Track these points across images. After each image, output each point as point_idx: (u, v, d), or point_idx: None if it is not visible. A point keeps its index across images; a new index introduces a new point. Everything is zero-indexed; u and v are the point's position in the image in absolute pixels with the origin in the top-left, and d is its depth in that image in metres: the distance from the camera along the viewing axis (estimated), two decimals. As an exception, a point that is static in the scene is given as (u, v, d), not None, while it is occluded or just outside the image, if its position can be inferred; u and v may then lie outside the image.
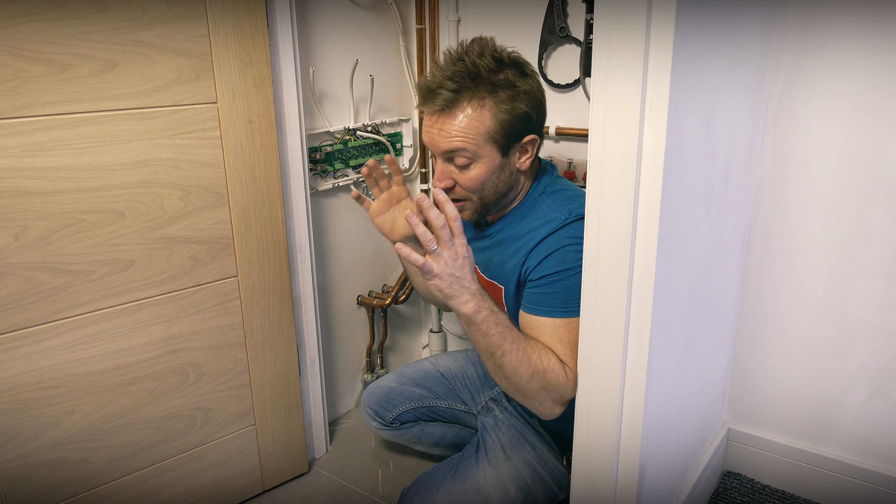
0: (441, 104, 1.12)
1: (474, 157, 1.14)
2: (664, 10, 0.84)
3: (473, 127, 1.12)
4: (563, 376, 1.09)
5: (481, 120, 1.12)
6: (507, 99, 1.12)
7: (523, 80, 1.15)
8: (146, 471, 1.43)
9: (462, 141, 1.12)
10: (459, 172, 1.16)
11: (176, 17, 1.24)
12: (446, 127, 1.12)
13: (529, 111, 1.15)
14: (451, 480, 1.35)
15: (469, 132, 1.12)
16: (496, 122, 1.12)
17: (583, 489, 1.12)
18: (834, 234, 1.40)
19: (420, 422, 1.60)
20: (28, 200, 1.16)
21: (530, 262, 1.18)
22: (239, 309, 1.47)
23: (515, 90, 1.13)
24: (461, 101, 1.11)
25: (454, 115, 1.12)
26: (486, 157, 1.14)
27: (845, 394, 1.48)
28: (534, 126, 1.18)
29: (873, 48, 1.28)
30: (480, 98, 1.11)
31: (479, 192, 1.18)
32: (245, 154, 1.40)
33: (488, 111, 1.12)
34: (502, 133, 1.13)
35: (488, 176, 1.16)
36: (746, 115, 1.31)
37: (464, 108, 1.11)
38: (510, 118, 1.13)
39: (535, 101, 1.16)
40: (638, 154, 0.90)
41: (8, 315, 1.18)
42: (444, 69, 1.13)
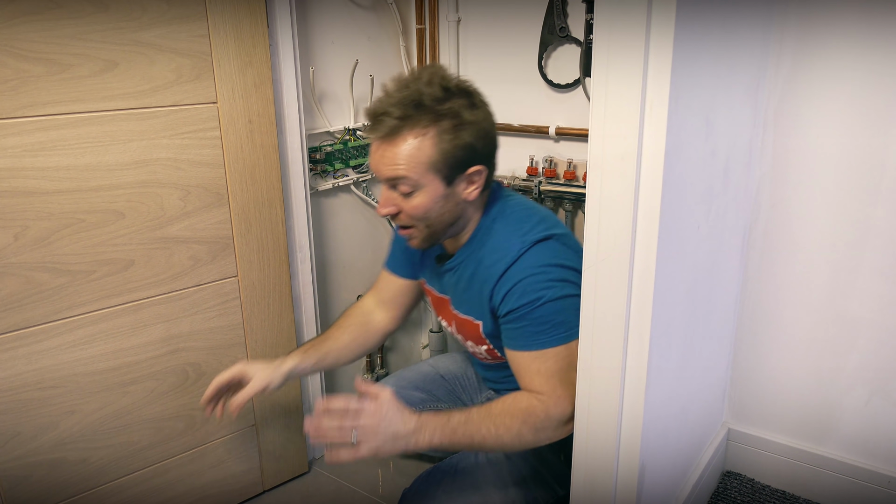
0: (384, 132, 1.10)
1: (416, 185, 1.12)
2: (664, 10, 0.84)
3: (415, 156, 1.10)
4: (542, 407, 1.13)
5: (423, 149, 1.10)
6: (450, 129, 1.10)
7: (471, 110, 1.13)
8: (146, 471, 1.43)
9: (404, 169, 1.11)
10: (403, 200, 1.15)
11: (176, 17, 1.24)
12: (388, 154, 1.11)
13: (474, 142, 1.13)
14: (451, 480, 1.35)
15: (411, 161, 1.10)
16: (438, 151, 1.10)
17: (583, 489, 1.12)
18: (834, 234, 1.40)
19: None
20: (28, 200, 1.16)
21: (496, 299, 1.19)
22: (239, 309, 1.47)
23: (460, 120, 1.11)
24: (403, 130, 1.10)
25: (396, 143, 1.10)
26: (428, 187, 1.13)
27: (845, 394, 1.48)
28: (480, 157, 1.15)
29: (873, 48, 1.28)
30: (423, 127, 1.10)
31: (423, 221, 1.17)
32: (245, 154, 1.40)
33: (430, 141, 1.10)
34: (445, 163, 1.11)
35: (431, 205, 1.15)
36: (746, 115, 1.31)
37: (406, 136, 1.10)
38: (453, 148, 1.11)
39: (481, 132, 1.14)
40: (638, 154, 0.90)
41: (8, 315, 1.18)
42: (390, 95, 1.12)
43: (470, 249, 1.24)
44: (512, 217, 1.22)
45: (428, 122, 1.10)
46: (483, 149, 1.15)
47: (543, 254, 1.16)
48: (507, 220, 1.22)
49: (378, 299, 1.47)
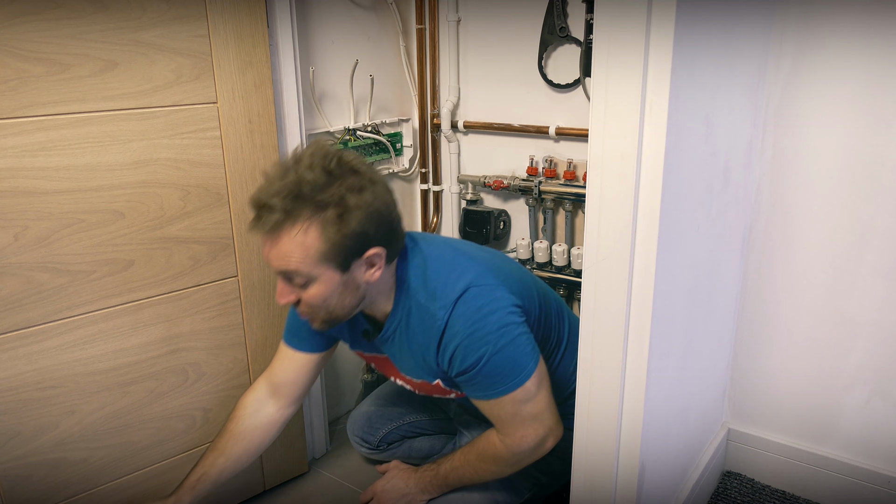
0: (266, 227, 1.04)
1: (309, 277, 1.07)
2: (664, 10, 0.84)
3: (301, 250, 1.04)
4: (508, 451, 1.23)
5: (309, 242, 1.04)
6: (334, 219, 1.04)
7: (357, 194, 1.05)
8: (146, 471, 1.43)
9: (294, 263, 1.05)
10: (300, 290, 1.10)
11: (176, 17, 1.24)
12: (275, 249, 1.06)
13: (364, 228, 1.06)
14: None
15: (298, 255, 1.04)
16: (326, 242, 1.04)
17: (583, 489, 1.12)
18: (834, 233, 1.40)
19: (405, 439, 1.62)
20: (28, 200, 1.16)
21: (443, 366, 1.19)
22: (239, 309, 1.47)
23: (344, 208, 1.04)
24: (285, 225, 1.03)
25: (280, 238, 1.04)
26: (322, 277, 1.07)
27: (845, 394, 1.48)
28: (375, 239, 1.08)
29: (873, 48, 1.28)
30: (305, 220, 1.03)
31: (324, 308, 1.12)
32: (245, 154, 1.40)
33: (315, 233, 1.03)
34: (335, 253, 1.05)
35: (329, 294, 1.10)
36: (746, 115, 1.31)
37: (289, 231, 1.04)
38: (341, 238, 1.04)
39: (372, 215, 1.06)
40: (638, 154, 0.90)
41: (8, 315, 1.18)
42: (271, 183, 1.05)
43: (396, 320, 1.21)
44: (428, 275, 1.18)
45: (310, 213, 1.03)
46: (377, 231, 1.08)
47: (469, 309, 1.14)
48: (425, 281, 1.18)
49: (272, 386, 1.37)
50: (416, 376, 1.28)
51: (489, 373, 1.15)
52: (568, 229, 1.72)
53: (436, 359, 1.19)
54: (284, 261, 1.06)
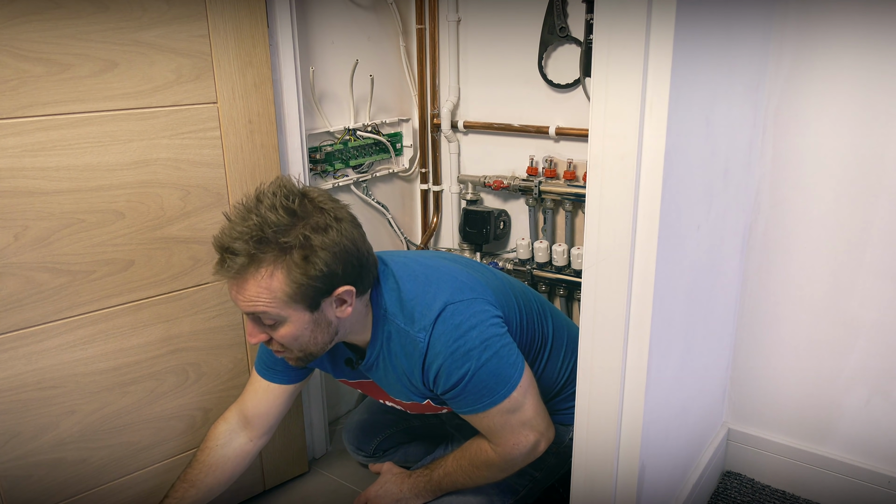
0: (231, 273, 1.03)
1: (278, 318, 1.06)
2: (664, 10, 0.84)
3: (268, 294, 1.03)
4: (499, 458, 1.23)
5: (275, 285, 1.02)
6: (300, 261, 1.02)
7: (321, 234, 1.03)
8: (146, 471, 1.43)
9: (262, 305, 1.04)
10: (271, 330, 1.09)
11: (176, 17, 1.24)
12: (242, 293, 1.04)
13: (330, 268, 1.04)
14: None
15: (265, 298, 1.03)
16: (291, 284, 1.02)
17: (583, 489, 1.12)
18: (834, 234, 1.40)
19: (401, 445, 1.62)
20: (28, 200, 1.16)
21: (429, 385, 1.20)
22: (239, 309, 1.47)
23: (309, 250, 1.02)
24: (250, 269, 1.02)
25: (246, 282, 1.03)
26: (291, 318, 1.06)
27: (845, 394, 1.48)
28: (343, 278, 1.07)
29: (873, 48, 1.28)
30: (269, 264, 1.02)
31: (296, 347, 1.11)
32: (245, 154, 1.40)
33: (280, 275, 1.02)
34: (302, 294, 1.04)
35: (300, 333, 1.08)
36: (746, 115, 1.31)
37: (254, 275, 1.02)
38: (307, 280, 1.03)
39: (338, 255, 1.04)
40: (638, 154, 0.90)
41: (8, 315, 1.18)
42: (234, 225, 1.04)
43: (377, 347, 1.20)
44: (404, 300, 1.17)
45: (274, 256, 1.02)
46: (344, 270, 1.06)
47: (448, 328, 1.14)
48: (402, 306, 1.17)
49: (244, 417, 1.35)
50: (405, 398, 1.27)
51: (474, 388, 1.15)
52: (568, 229, 1.72)
53: (421, 379, 1.19)
54: (252, 304, 1.04)
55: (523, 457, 1.23)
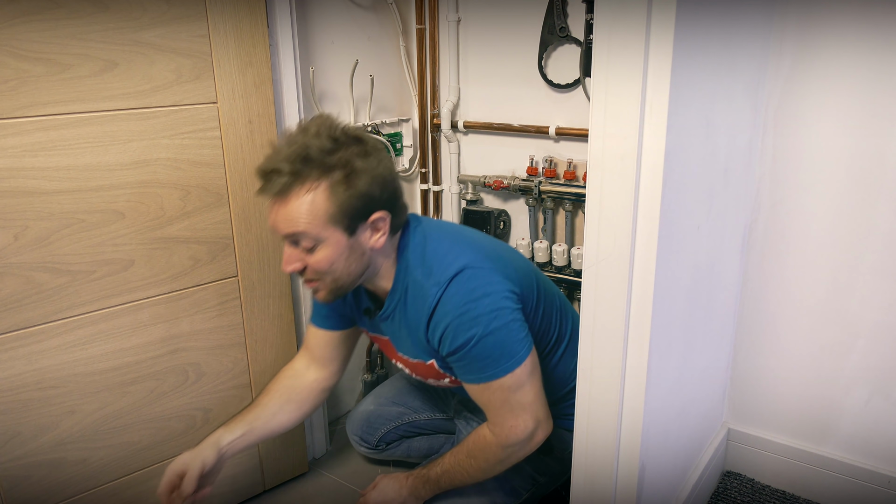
0: (275, 190, 1.08)
1: (317, 240, 1.10)
2: (664, 10, 0.84)
3: (310, 211, 1.07)
4: (498, 443, 1.21)
5: (317, 203, 1.07)
6: (342, 180, 1.08)
7: (363, 159, 1.10)
8: (146, 471, 1.43)
9: (302, 225, 1.08)
10: (307, 255, 1.12)
11: (176, 17, 1.24)
12: (283, 212, 1.09)
13: (370, 190, 1.10)
14: None
15: (307, 216, 1.08)
16: (334, 204, 1.08)
17: (583, 489, 1.12)
18: (834, 233, 1.40)
19: (404, 439, 1.62)
20: (28, 200, 1.16)
21: (433, 344, 1.20)
22: (239, 309, 1.47)
23: (351, 169, 1.08)
24: (294, 186, 1.07)
25: (289, 200, 1.08)
26: (330, 240, 1.10)
27: (845, 394, 1.48)
28: (380, 203, 1.12)
29: (873, 47, 1.28)
30: (314, 181, 1.07)
31: (330, 274, 1.14)
32: (245, 154, 1.40)
33: (323, 194, 1.07)
34: (343, 214, 1.09)
35: (336, 257, 1.12)
36: (746, 115, 1.31)
37: (298, 192, 1.07)
38: (348, 199, 1.08)
39: (377, 179, 1.11)
40: (638, 154, 0.90)
41: (8, 315, 1.18)
42: (278, 151, 1.09)
43: (396, 298, 1.22)
44: (426, 254, 1.20)
45: (318, 175, 1.07)
46: (382, 195, 1.12)
47: (462, 290, 1.15)
48: (423, 259, 1.20)
49: (309, 358, 1.42)
50: (413, 356, 1.28)
51: (479, 355, 1.15)
52: (568, 229, 1.72)
53: (426, 336, 1.19)
54: (292, 224, 1.08)
55: (520, 443, 1.22)
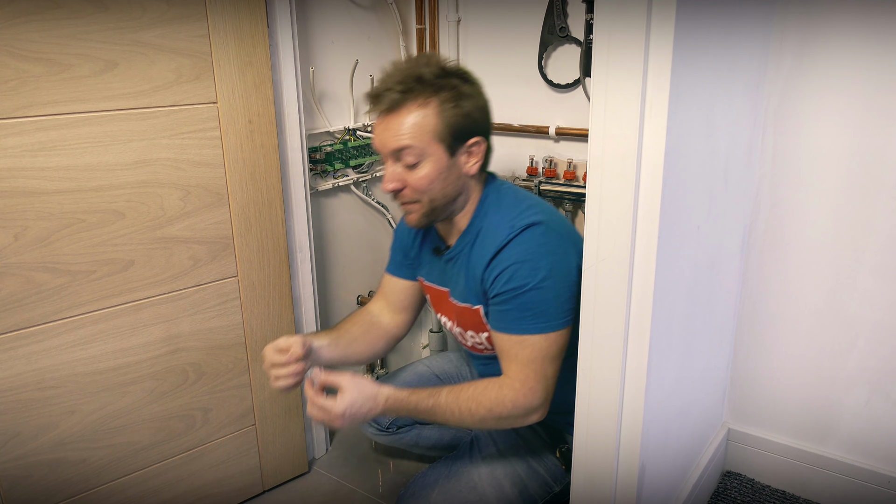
0: (387, 104, 1.15)
1: (422, 155, 1.16)
2: (664, 10, 0.84)
3: (419, 125, 1.15)
4: (510, 398, 1.17)
5: (426, 118, 1.15)
6: (451, 98, 1.16)
7: (468, 85, 1.19)
8: (146, 471, 1.43)
9: (409, 138, 1.15)
10: (409, 173, 1.18)
11: (176, 17, 1.24)
12: (393, 126, 1.15)
13: (473, 112, 1.18)
14: (446, 479, 1.35)
15: (415, 130, 1.15)
16: (441, 120, 1.15)
17: (583, 489, 1.12)
18: (834, 233, 1.41)
19: (416, 425, 1.60)
20: (28, 200, 1.16)
21: (486, 282, 1.21)
22: (239, 309, 1.47)
23: (459, 91, 1.17)
24: (407, 101, 1.15)
25: (400, 114, 1.15)
26: (433, 156, 1.16)
27: (845, 394, 1.48)
28: (479, 129, 1.20)
29: (874, 47, 1.28)
30: (425, 97, 1.15)
31: (428, 193, 1.19)
32: (245, 154, 1.40)
33: (433, 110, 1.15)
34: (448, 131, 1.16)
35: (437, 175, 1.18)
36: (746, 115, 1.31)
37: (409, 107, 1.15)
38: (454, 117, 1.16)
39: (479, 105, 1.20)
40: (638, 154, 0.90)
41: (8, 315, 1.18)
42: (390, 75, 1.18)
43: (468, 238, 1.26)
44: (504, 202, 1.25)
45: (429, 93, 1.15)
46: (481, 121, 1.21)
47: (532, 240, 1.18)
48: (500, 206, 1.24)
49: (384, 303, 1.47)
50: (462, 300, 1.29)
51: (526, 304, 1.16)
52: (568, 229, 1.72)
53: (483, 272, 1.21)
54: (400, 138, 1.15)
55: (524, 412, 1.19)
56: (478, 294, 1.25)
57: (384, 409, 1.20)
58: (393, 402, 1.20)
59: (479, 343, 1.34)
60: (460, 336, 1.37)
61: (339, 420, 1.16)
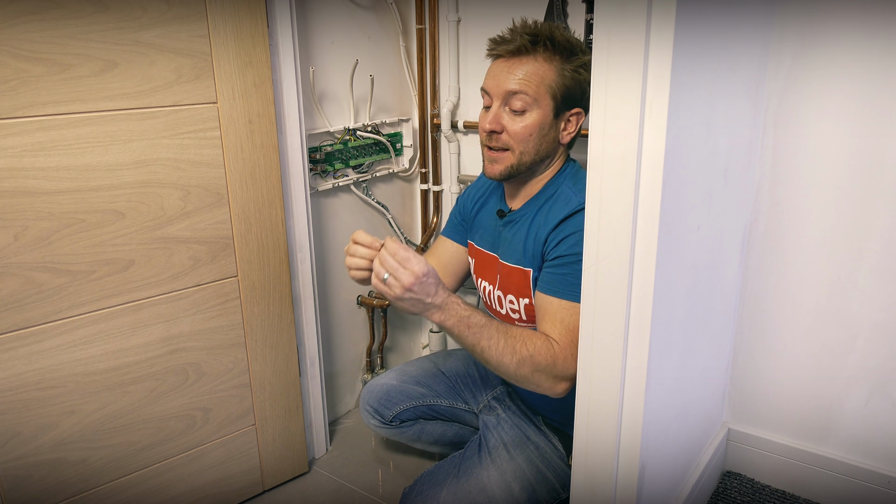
0: (516, 47, 1.19)
1: (532, 103, 1.19)
2: (664, 11, 0.84)
3: (540, 75, 1.18)
4: (552, 354, 1.15)
5: (548, 71, 1.19)
6: (574, 65, 1.20)
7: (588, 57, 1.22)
8: (146, 471, 1.43)
9: (526, 84, 1.18)
10: (511, 119, 1.21)
11: (176, 17, 1.24)
12: (515, 69, 1.19)
13: (585, 84, 1.21)
14: (455, 479, 1.35)
15: (535, 78, 1.18)
16: (560, 78, 1.19)
17: (583, 489, 1.12)
18: (834, 233, 1.40)
19: (420, 420, 1.60)
20: (28, 200, 1.16)
21: (550, 244, 1.21)
22: (239, 309, 1.47)
23: (582, 60, 1.21)
24: (536, 50, 1.19)
25: (525, 60, 1.19)
26: (541, 110, 1.20)
27: (845, 394, 1.48)
28: (584, 101, 1.23)
29: (874, 48, 1.28)
30: (552, 53, 1.19)
31: (522, 145, 1.22)
32: (245, 154, 1.40)
33: (556, 67, 1.19)
34: (562, 91, 1.20)
35: (537, 129, 1.21)
36: (746, 115, 1.31)
37: (536, 56, 1.19)
38: (572, 81, 1.20)
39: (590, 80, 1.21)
40: (638, 154, 0.90)
41: (8, 315, 1.18)
42: (521, 26, 1.22)
43: (536, 203, 1.28)
44: (580, 178, 1.27)
45: (557, 52, 1.19)
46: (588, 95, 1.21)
47: None
48: (577, 180, 1.27)
49: (435, 263, 1.50)
50: (514, 261, 1.29)
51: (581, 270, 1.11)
52: (568, 229, 1.72)
53: (548, 234, 1.21)
54: (519, 81, 1.19)
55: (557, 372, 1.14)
56: (534, 256, 1.25)
57: (444, 301, 1.12)
58: (454, 300, 1.14)
59: (514, 310, 1.32)
60: (497, 302, 1.36)
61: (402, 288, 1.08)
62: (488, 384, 1.55)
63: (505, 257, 1.32)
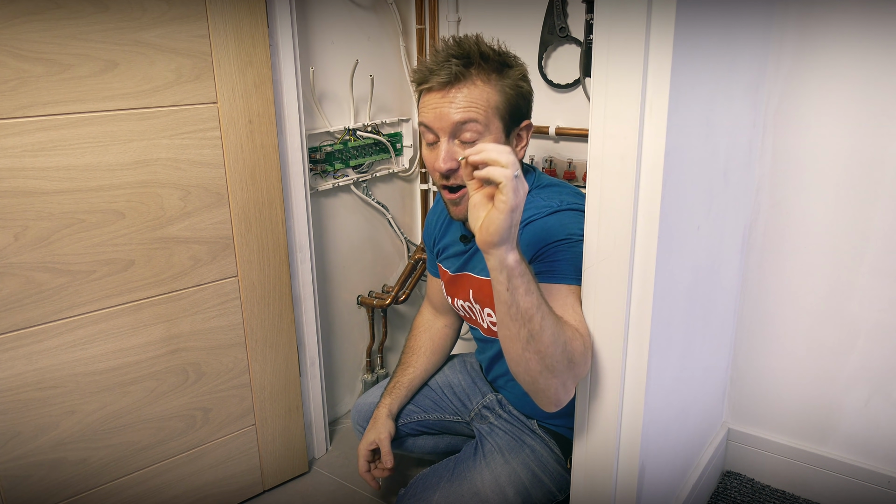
0: (448, 77, 1.09)
1: (483, 130, 1.11)
2: (664, 10, 0.84)
3: (484, 98, 1.10)
4: (582, 345, 1.00)
5: (490, 92, 1.11)
6: (515, 78, 1.14)
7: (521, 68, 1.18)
8: (146, 471, 1.43)
9: (474, 111, 1.10)
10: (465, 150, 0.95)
11: (176, 17, 1.24)
12: (457, 99, 1.10)
13: (528, 94, 1.18)
14: (448, 482, 1.34)
15: (480, 103, 1.10)
16: (503, 96, 1.12)
17: (583, 489, 1.12)
18: (834, 233, 1.41)
19: (409, 436, 1.60)
20: (28, 200, 1.16)
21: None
22: (239, 309, 1.47)
23: (519, 70, 1.16)
24: (471, 74, 1.10)
25: (463, 86, 1.10)
26: (492, 134, 1.12)
27: (845, 394, 1.48)
28: (529, 113, 1.20)
29: (874, 48, 1.28)
30: (487, 73, 1.11)
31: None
32: (245, 154, 1.40)
33: (494, 85, 1.12)
34: (508, 109, 1.13)
35: None
36: (746, 115, 1.31)
37: (473, 80, 1.10)
38: (515, 96, 1.14)
39: (530, 90, 1.19)
40: (638, 154, 0.90)
41: (8, 315, 1.18)
42: (447, 49, 1.13)
43: None
44: (547, 190, 1.23)
45: (492, 69, 1.12)
46: (531, 105, 1.20)
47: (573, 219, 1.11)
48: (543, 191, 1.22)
49: (432, 307, 1.54)
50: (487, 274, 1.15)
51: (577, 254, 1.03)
52: (568, 229, 1.72)
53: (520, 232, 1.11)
54: (464, 109, 1.10)
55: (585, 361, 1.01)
56: None
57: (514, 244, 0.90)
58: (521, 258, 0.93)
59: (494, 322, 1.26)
60: (477, 316, 1.30)
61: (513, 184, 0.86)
62: (477, 392, 1.53)
63: (478, 272, 1.28)
